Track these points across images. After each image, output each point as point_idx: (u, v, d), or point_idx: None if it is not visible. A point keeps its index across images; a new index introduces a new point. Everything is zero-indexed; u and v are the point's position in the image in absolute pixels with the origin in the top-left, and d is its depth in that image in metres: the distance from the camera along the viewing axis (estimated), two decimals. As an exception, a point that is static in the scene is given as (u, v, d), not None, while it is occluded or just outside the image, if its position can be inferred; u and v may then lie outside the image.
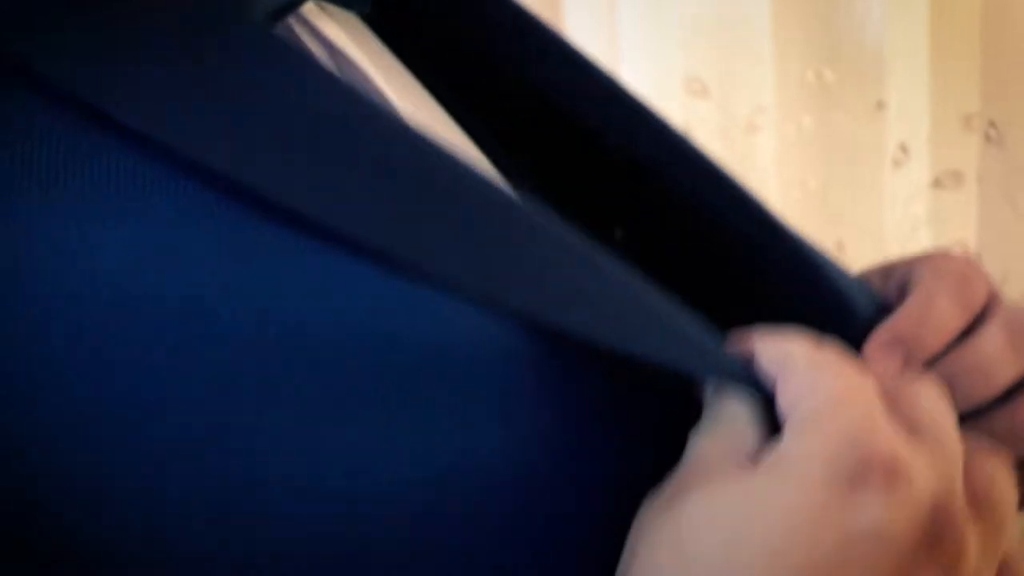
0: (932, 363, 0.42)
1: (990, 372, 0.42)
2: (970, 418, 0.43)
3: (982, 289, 0.44)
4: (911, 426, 0.33)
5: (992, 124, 0.93)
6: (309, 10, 0.39)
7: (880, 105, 1.05)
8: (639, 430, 0.35)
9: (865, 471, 0.31)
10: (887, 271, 0.46)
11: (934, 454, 0.32)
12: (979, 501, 0.33)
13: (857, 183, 1.08)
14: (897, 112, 1.00)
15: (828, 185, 1.10)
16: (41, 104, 0.30)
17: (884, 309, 0.44)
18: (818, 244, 0.47)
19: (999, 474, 0.33)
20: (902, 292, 0.45)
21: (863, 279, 0.46)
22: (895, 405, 0.34)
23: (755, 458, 0.33)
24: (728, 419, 0.34)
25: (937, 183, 1.01)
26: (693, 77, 1.07)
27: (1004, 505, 0.33)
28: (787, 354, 0.34)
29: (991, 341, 0.43)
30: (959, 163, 0.99)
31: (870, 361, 0.42)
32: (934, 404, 0.34)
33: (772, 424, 0.34)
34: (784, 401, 0.34)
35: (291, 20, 0.38)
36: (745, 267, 0.45)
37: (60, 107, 0.30)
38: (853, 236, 1.10)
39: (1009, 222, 0.94)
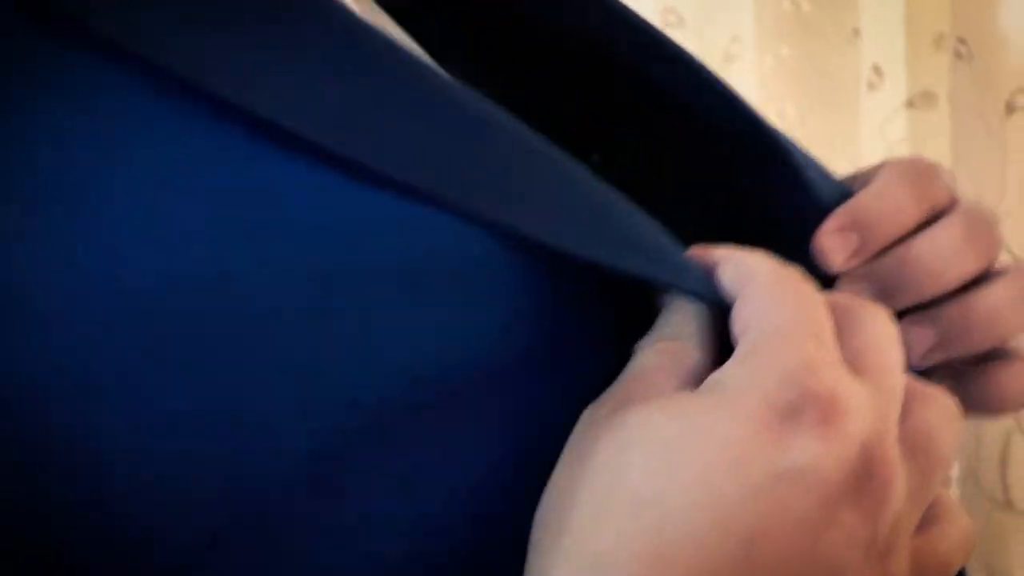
0: (886, 252, 0.43)
1: (944, 264, 0.42)
2: (922, 309, 0.43)
3: (943, 188, 0.44)
4: (857, 357, 0.33)
5: (961, 40, 0.95)
6: None
7: (856, 32, 1.07)
8: (605, 337, 0.35)
9: (800, 409, 0.31)
10: (853, 177, 0.48)
11: (874, 392, 0.32)
12: (915, 445, 0.33)
13: (835, 110, 1.09)
14: (872, 36, 1.02)
15: (806, 113, 1.11)
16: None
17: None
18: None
19: (941, 422, 0.33)
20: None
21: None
22: (846, 332, 0.33)
23: (697, 380, 0.33)
24: (675, 334, 0.34)
25: (911, 104, 1.03)
26: (669, 8, 1.09)
27: (939, 453, 0.33)
28: (749, 273, 0.34)
29: (946, 234, 0.43)
30: (931, 83, 1.01)
31: (823, 244, 0.42)
32: (883, 336, 0.34)
33: (725, 344, 0.34)
34: (738, 323, 0.33)
35: None
36: (707, 147, 0.46)
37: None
38: (833, 163, 1.12)
39: (981, 138, 0.96)
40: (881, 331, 0.34)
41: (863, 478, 0.31)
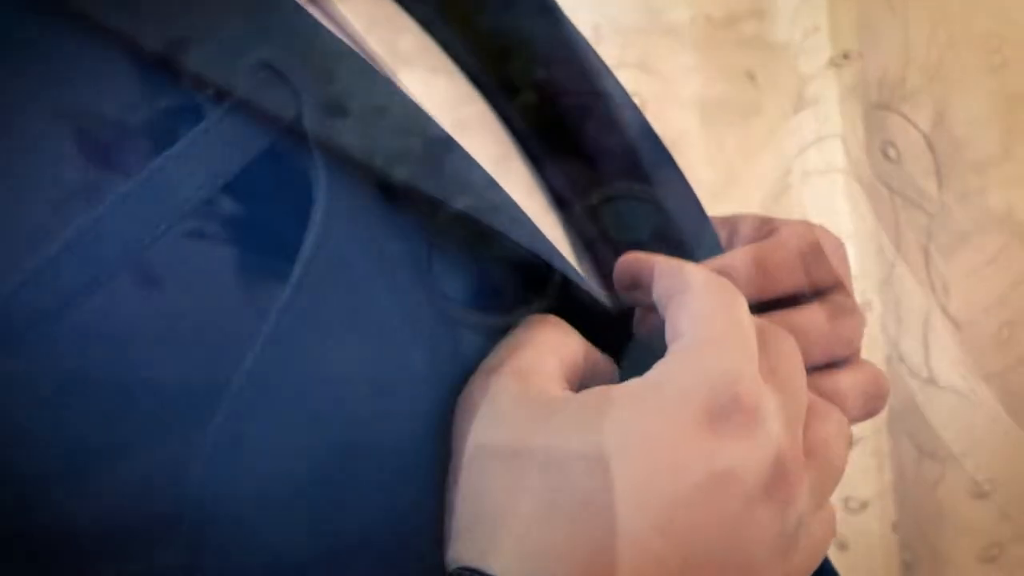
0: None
1: (806, 342, 0.42)
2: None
3: (828, 268, 0.45)
4: (770, 372, 0.35)
5: (861, -76, 0.95)
6: None
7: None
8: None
9: (732, 412, 0.32)
10: (764, 221, 0.49)
11: (785, 404, 0.34)
12: (815, 453, 0.35)
13: (757, 9, 1.10)
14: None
15: (733, 14, 1.12)
16: None
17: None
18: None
19: (837, 435, 0.36)
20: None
21: (736, 222, 0.49)
22: (761, 348, 0.35)
23: (576, 365, 0.36)
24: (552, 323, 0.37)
25: (821, -7, 1.03)
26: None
27: (835, 461, 0.36)
28: (686, 281, 0.36)
29: (812, 317, 0.44)
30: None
31: None
32: (793, 357, 0.36)
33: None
34: (674, 326, 0.35)
35: None
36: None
37: None
38: (759, 60, 1.13)
39: (886, 18, 0.97)
40: (791, 352, 0.37)
41: (777, 479, 0.33)
